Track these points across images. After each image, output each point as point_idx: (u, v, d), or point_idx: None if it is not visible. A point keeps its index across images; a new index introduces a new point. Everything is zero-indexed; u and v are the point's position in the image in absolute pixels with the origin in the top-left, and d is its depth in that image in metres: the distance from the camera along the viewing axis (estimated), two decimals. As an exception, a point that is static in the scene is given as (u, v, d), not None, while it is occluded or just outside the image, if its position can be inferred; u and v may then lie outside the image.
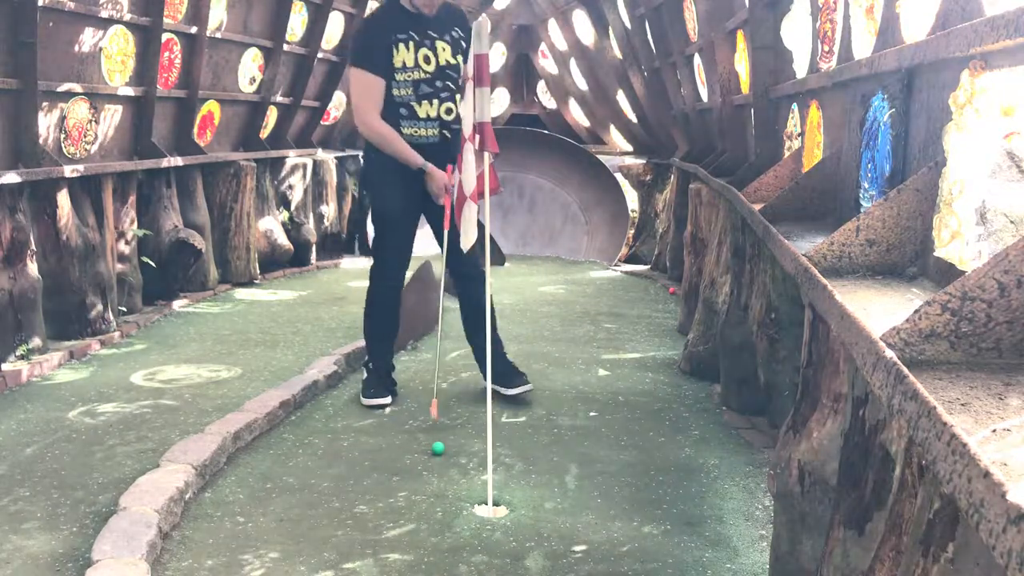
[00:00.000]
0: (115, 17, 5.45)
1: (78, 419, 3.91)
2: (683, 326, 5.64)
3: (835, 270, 2.12)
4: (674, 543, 2.81)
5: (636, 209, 9.57)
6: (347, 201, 9.39)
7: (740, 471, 3.40)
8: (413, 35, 3.93)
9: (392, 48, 3.90)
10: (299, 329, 5.72)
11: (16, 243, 4.61)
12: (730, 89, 5.56)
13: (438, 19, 3.98)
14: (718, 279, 4.63)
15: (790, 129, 4.16)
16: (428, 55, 3.93)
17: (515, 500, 3.11)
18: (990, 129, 1.80)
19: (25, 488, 3.16)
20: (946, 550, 1.17)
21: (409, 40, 3.92)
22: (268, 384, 4.37)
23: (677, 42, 7.04)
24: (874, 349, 1.39)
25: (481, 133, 2.97)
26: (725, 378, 4.25)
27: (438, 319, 3.98)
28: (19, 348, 4.62)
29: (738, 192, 3.86)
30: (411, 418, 4.00)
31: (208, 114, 7.09)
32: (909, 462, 1.37)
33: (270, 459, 3.49)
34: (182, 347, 5.23)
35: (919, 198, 2.05)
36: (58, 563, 2.63)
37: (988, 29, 1.69)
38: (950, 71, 2.00)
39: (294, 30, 7.86)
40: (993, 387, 1.26)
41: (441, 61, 3.95)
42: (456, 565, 2.64)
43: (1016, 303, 1.33)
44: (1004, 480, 0.89)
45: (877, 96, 2.55)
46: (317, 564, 2.64)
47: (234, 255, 7.23)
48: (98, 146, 5.65)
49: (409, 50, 3.91)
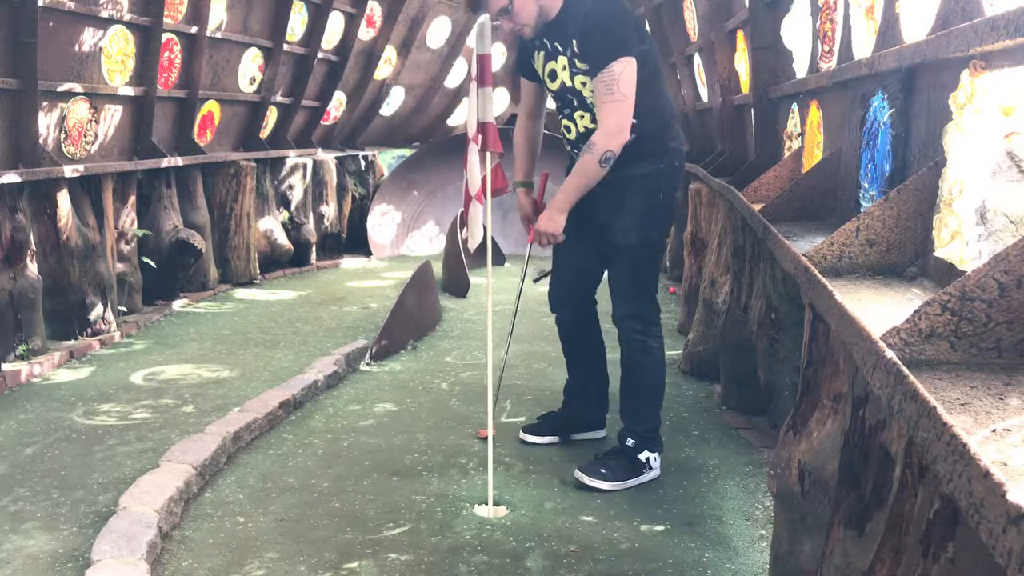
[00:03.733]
0: (115, 17, 5.45)
1: (78, 419, 3.91)
2: (683, 326, 5.64)
3: (835, 270, 2.12)
4: (674, 543, 2.81)
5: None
6: (347, 201, 9.39)
7: (740, 471, 3.40)
8: (545, 43, 3.23)
9: (533, 52, 3.30)
10: (299, 329, 5.72)
11: (16, 243, 4.61)
12: (730, 89, 5.56)
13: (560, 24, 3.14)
14: (718, 279, 4.63)
15: (790, 129, 4.16)
16: (554, 70, 3.23)
17: (515, 500, 3.11)
18: (990, 129, 1.80)
19: (25, 488, 3.16)
20: (946, 550, 1.17)
21: (541, 49, 3.26)
22: (268, 384, 4.37)
23: (677, 42, 7.04)
24: (874, 349, 1.39)
25: (484, 133, 2.96)
26: (725, 378, 4.25)
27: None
28: (19, 348, 4.62)
29: (738, 192, 3.86)
30: (411, 418, 4.00)
31: (208, 114, 7.09)
32: (909, 462, 1.37)
33: (270, 459, 3.49)
34: (182, 347, 5.23)
35: (919, 198, 2.05)
36: (58, 563, 2.63)
37: (988, 29, 1.69)
38: (950, 71, 2.00)
39: (294, 30, 7.86)
40: (993, 387, 1.26)
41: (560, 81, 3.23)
42: (456, 565, 2.64)
43: (1016, 303, 1.33)
44: (1004, 480, 0.89)
45: (877, 96, 2.55)
46: (317, 564, 2.64)
47: (234, 255, 7.23)
48: (98, 146, 5.65)
49: (538, 61, 3.29)
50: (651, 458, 3.29)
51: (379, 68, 9.48)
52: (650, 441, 3.31)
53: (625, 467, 3.25)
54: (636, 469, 3.26)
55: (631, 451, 3.27)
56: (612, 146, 3.03)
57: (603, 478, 3.21)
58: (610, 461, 3.27)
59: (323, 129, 9.40)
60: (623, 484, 3.21)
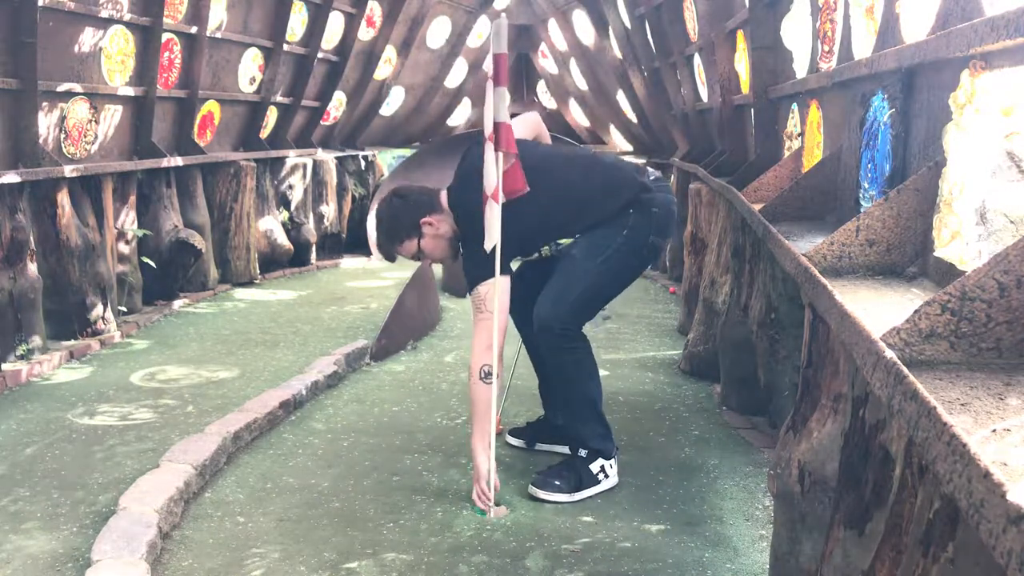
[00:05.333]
0: (115, 17, 5.45)
1: (78, 419, 3.91)
2: (683, 326, 5.64)
3: (835, 270, 2.12)
4: (674, 543, 2.81)
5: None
6: (347, 201, 9.39)
7: (740, 471, 3.40)
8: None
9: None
10: (299, 329, 5.72)
11: (16, 243, 4.61)
12: (730, 89, 5.56)
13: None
14: (718, 279, 4.63)
15: (790, 129, 4.16)
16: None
17: (515, 500, 3.11)
18: (990, 129, 1.79)
19: (25, 488, 3.16)
20: (946, 550, 1.17)
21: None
22: (268, 384, 4.37)
23: (677, 42, 7.03)
24: (874, 349, 1.39)
25: (498, 133, 2.96)
26: (725, 378, 4.24)
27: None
28: (19, 348, 4.62)
29: (738, 192, 3.86)
30: (411, 418, 4.00)
31: (208, 114, 7.09)
32: (909, 462, 1.37)
33: (270, 459, 3.49)
34: (182, 347, 5.23)
35: (919, 198, 2.05)
36: (58, 563, 2.63)
37: (988, 29, 1.69)
38: (950, 71, 2.00)
39: (294, 30, 7.86)
40: (993, 387, 1.26)
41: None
42: (456, 565, 2.63)
43: (1016, 303, 1.33)
44: (1004, 480, 0.89)
45: (877, 96, 2.55)
46: (317, 564, 2.64)
47: (234, 255, 7.23)
48: (98, 146, 5.65)
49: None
50: (605, 466, 3.22)
51: (379, 68, 9.48)
52: (600, 450, 3.23)
53: (579, 478, 3.17)
54: (591, 479, 3.19)
55: (583, 462, 3.21)
56: (485, 360, 3.04)
57: (557, 490, 3.13)
58: (564, 472, 3.19)
59: (323, 129, 9.40)
60: (578, 496, 3.14)
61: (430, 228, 3.22)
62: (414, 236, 3.23)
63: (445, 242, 3.27)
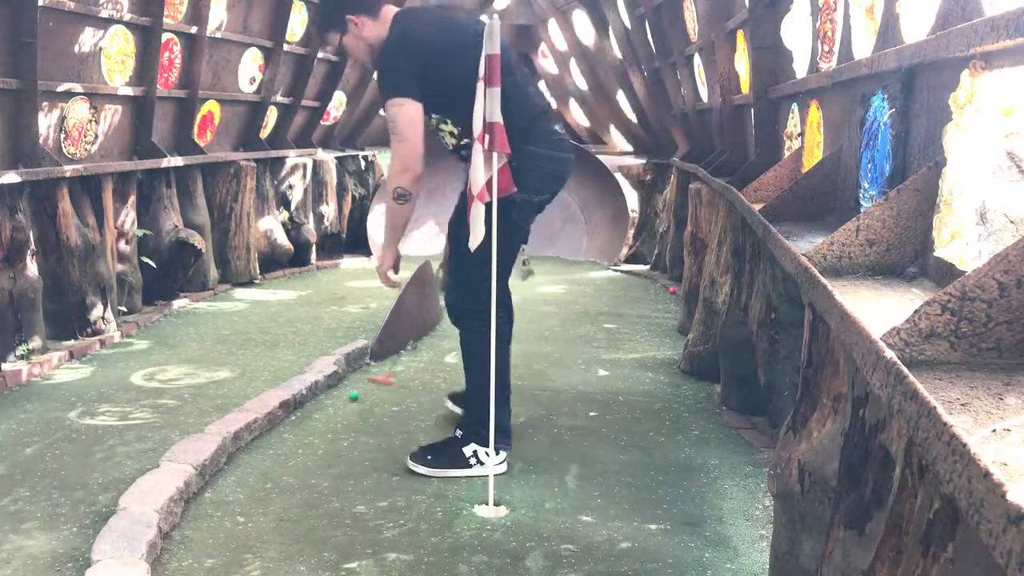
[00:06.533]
0: (115, 17, 5.45)
1: (78, 419, 3.91)
2: (683, 326, 5.64)
3: (835, 270, 2.12)
4: (674, 543, 2.81)
5: (636, 209, 9.56)
6: (347, 201, 9.39)
7: (740, 471, 3.40)
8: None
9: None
10: (299, 329, 5.72)
11: (16, 243, 4.61)
12: (730, 89, 5.56)
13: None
14: (718, 279, 4.63)
15: (790, 129, 4.16)
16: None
17: (515, 500, 3.11)
18: (990, 129, 1.79)
19: (25, 488, 3.16)
20: (946, 550, 1.17)
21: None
22: (268, 384, 4.37)
23: (677, 42, 7.03)
24: (874, 349, 1.39)
25: (491, 133, 2.96)
26: (725, 378, 4.25)
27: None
28: (19, 348, 4.62)
29: (738, 192, 3.86)
30: (411, 418, 4.00)
31: (208, 114, 7.09)
32: (909, 462, 1.37)
33: (270, 459, 3.49)
34: (182, 347, 5.23)
35: (919, 198, 2.05)
36: (58, 563, 2.63)
37: (988, 29, 1.69)
38: (950, 71, 2.00)
39: (294, 30, 7.86)
40: (993, 387, 1.26)
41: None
42: (456, 565, 2.64)
43: (1016, 303, 1.33)
44: (1004, 480, 0.89)
45: (877, 96, 2.55)
46: (317, 564, 2.64)
47: (234, 255, 7.23)
48: (98, 146, 5.64)
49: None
50: (479, 452, 3.29)
51: (379, 68, 9.47)
52: (477, 435, 3.30)
53: (448, 456, 3.31)
54: (460, 461, 3.29)
55: (457, 442, 3.34)
56: (401, 183, 3.18)
57: (424, 463, 3.30)
58: (440, 447, 3.37)
59: (323, 129, 9.39)
60: (442, 472, 3.27)
61: (355, 27, 3.30)
62: (338, 30, 3.33)
63: (366, 46, 3.33)
